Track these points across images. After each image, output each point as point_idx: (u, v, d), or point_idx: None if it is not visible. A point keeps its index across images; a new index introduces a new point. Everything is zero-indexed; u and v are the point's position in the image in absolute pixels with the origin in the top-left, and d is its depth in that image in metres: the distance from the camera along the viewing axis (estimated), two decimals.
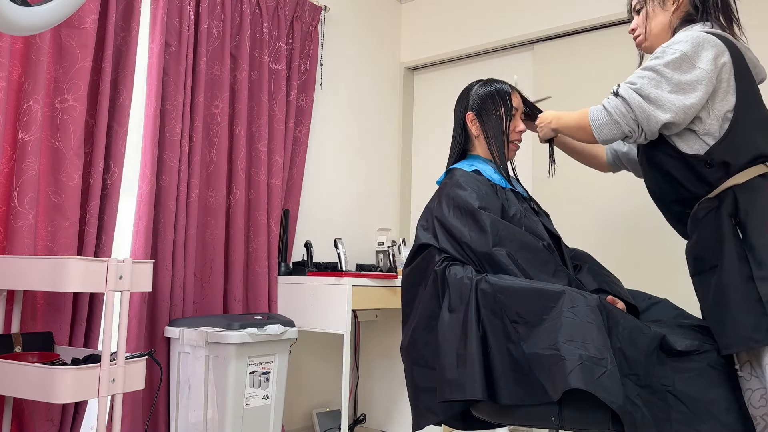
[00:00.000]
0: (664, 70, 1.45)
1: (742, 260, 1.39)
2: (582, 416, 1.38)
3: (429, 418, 1.58)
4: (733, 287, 1.39)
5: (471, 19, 3.58)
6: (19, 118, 1.95)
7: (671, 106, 1.43)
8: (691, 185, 1.50)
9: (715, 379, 1.41)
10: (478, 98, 1.82)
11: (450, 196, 1.71)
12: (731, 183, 1.44)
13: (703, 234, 1.49)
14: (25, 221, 1.91)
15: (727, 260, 1.41)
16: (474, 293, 1.51)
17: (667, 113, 1.43)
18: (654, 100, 1.44)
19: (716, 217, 1.45)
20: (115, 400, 1.81)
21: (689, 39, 1.46)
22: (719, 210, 1.45)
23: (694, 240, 1.52)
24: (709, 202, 1.48)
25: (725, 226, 1.43)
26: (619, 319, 1.43)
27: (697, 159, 1.47)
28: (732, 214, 1.42)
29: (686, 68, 1.43)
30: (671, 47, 1.47)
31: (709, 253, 1.46)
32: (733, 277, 1.39)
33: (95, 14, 2.12)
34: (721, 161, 1.44)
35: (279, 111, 2.85)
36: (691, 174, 1.49)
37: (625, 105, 1.47)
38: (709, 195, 1.48)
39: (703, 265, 1.49)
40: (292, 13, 2.98)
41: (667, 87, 1.44)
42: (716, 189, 1.46)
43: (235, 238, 2.63)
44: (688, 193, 1.52)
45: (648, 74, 1.47)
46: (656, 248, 2.79)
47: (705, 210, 1.48)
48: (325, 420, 3.03)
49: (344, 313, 2.53)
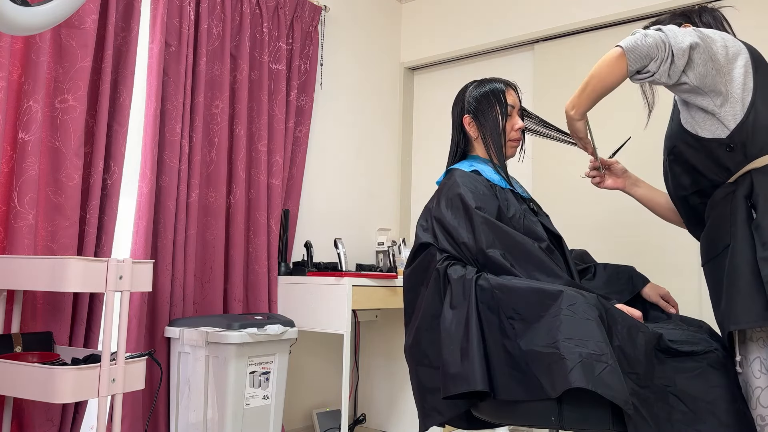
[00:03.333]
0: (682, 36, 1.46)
1: (751, 241, 1.40)
2: (582, 416, 1.38)
3: (435, 418, 1.58)
4: (745, 266, 1.40)
5: (471, 19, 3.58)
6: (19, 118, 1.95)
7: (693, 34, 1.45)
8: (711, 173, 1.51)
9: (716, 379, 1.41)
10: (473, 100, 1.82)
11: (449, 196, 1.71)
12: (750, 167, 1.45)
13: (717, 215, 1.51)
14: (25, 221, 1.91)
15: (740, 239, 1.42)
16: (474, 290, 1.51)
17: (690, 37, 1.44)
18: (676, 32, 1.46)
19: (732, 199, 1.47)
20: (115, 400, 1.81)
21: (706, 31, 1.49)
22: (735, 193, 1.46)
23: (708, 223, 1.54)
24: (727, 186, 1.49)
25: (740, 207, 1.44)
26: (617, 317, 1.43)
27: (718, 143, 1.47)
28: (747, 195, 1.44)
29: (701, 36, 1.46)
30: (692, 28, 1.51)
31: (723, 233, 1.48)
32: (745, 256, 1.40)
33: (95, 14, 2.12)
34: (741, 143, 1.44)
35: (279, 111, 2.85)
36: (711, 162, 1.50)
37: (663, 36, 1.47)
38: (729, 180, 1.49)
39: (716, 247, 1.50)
40: (292, 13, 2.98)
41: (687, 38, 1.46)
42: (735, 174, 1.48)
43: (235, 238, 2.63)
44: (708, 182, 1.53)
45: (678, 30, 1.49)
46: (656, 249, 2.79)
47: (722, 194, 1.50)
48: (325, 420, 3.03)
49: (344, 313, 2.53)
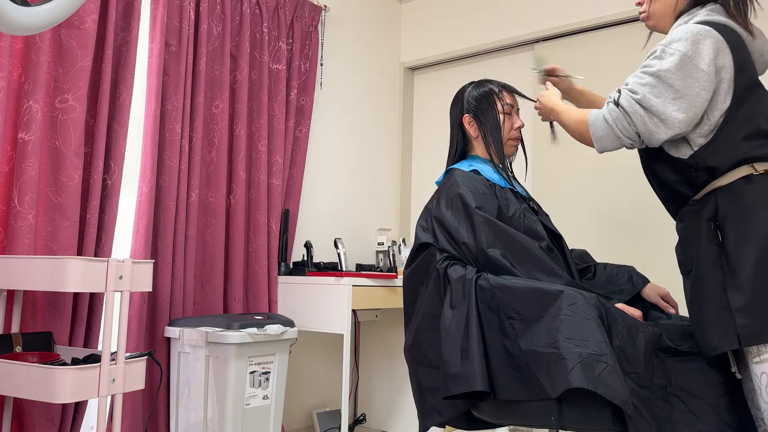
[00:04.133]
0: (666, 75, 1.39)
1: (716, 266, 1.36)
2: (582, 416, 1.38)
3: (434, 418, 1.58)
4: (704, 293, 1.38)
5: (471, 19, 3.58)
6: (19, 118, 1.95)
7: (674, 121, 1.38)
8: (679, 187, 1.49)
9: (716, 378, 1.41)
10: (473, 99, 1.83)
11: (449, 196, 1.71)
12: (714, 186, 1.41)
13: (684, 236, 1.48)
14: (25, 221, 1.91)
15: (701, 265, 1.39)
16: (474, 290, 1.51)
17: (670, 130, 1.39)
18: (657, 113, 1.39)
19: (696, 220, 1.43)
20: (115, 400, 1.80)
21: (688, 36, 1.41)
22: (700, 213, 1.43)
23: (678, 241, 1.52)
24: (693, 204, 1.46)
25: (702, 230, 1.40)
26: (617, 317, 1.43)
27: (682, 163, 1.45)
28: (711, 218, 1.40)
29: (687, 71, 1.38)
30: (670, 47, 1.42)
31: (687, 257, 1.46)
32: (706, 284, 1.37)
33: (95, 14, 2.12)
34: (705, 166, 1.41)
35: (279, 111, 2.85)
36: (679, 177, 1.47)
37: (627, 118, 1.43)
38: (696, 197, 1.46)
39: (683, 267, 1.49)
40: (292, 13, 2.98)
41: (669, 95, 1.39)
42: (701, 191, 1.44)
43: (235, 238, 2.63)
44: (678, 194, 1.51)
45: (649, 81, 1.41)
46: (655, 247, 2.79)
47: (689, 212, 1.47)
48: (325, 420, 3.03)
49: (344, 313, 2.53)
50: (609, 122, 1.46)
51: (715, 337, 1.34)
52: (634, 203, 2.91)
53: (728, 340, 1.32)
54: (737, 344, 1.31)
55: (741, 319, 1.30)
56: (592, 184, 3.04)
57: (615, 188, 2.95)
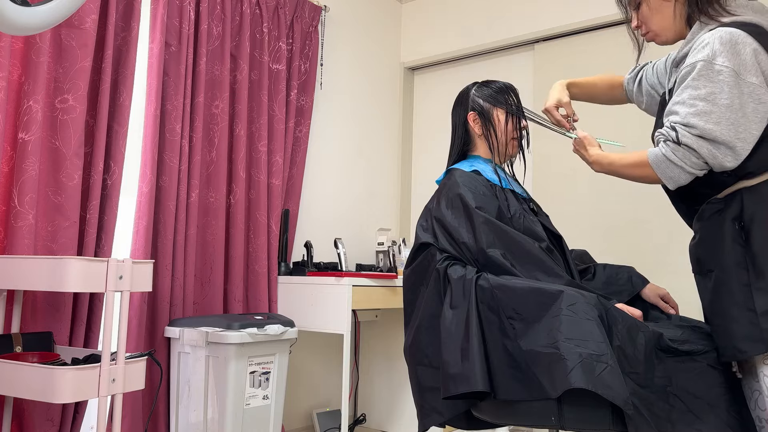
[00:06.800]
0: (719, 98, 1.33)
1: (740, 267, 1.35)
2: (582, 416, 1.38)
3: (434, 418, 1.58)
4: (728, 294, 1.36)
5: (471, 19, 3.58)
6: (19, 118, 1.95)
7: (743, 145, 1.33)
8: (699, 186, 1.45)
9: (716, 378, 1.41)
10: (478, 98, 1.84)
11: (449, 196, 1.71)
12: (741, 185, 1.38)
13: (705, 235, 1.46)
14: (25, 221, 1.91)
15: (725, 266, 1.37)
16: (474, 290, 1.51)
17: (740, 155, 1.34)
18: (725, 142, 1.34)
19: (720, 220, 1.41)
20: (115, 400, 1.81)
21: (726, 47, 1.34)
22: (724, 213, 1.40)
23: (696, 239, 1.49)
24: (716, 202, 1.43)
25: (727, 230, 1.38)
26: (617, 317, 1.43)
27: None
28: (736, 218, 1.38)
29: (741, 88, 1.32)
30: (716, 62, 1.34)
31: (709, 257, 1.43)
32: (730, 285, 1.36)
33: (95, 14, 2.12)
34: (742, 171, 1.37)
35: (279, 111, 2.85)
36: (704, 178, 1.43)
37: (694, 154, 1.37)
38: (718, 195, 1.43)
39: (702, 266, 1.47)
40: (292, 13, 2.98)
41: (729, 117, 1.32)
42: (725, 191, 1.42)
43: (235, 238, 2.63)
44: (695, 194, 1.48)
45: (703, 108, 1.34)
46: (656, 248, 2.79)
47: (711, 210, 1.44)
48: (325, 420, 3.03)
49: (344, 313, 2.53)
50: (676, 162, 1.40)
51: (743, 341, 1.32)
52: (634, 204, 2.90)
53: (759, 344, 1.30)
54: (765, 349, 1.29)
55: (767, 323, 1.29)
56: (592, 185, 3.04)
57: (615, 189, 2.95)
